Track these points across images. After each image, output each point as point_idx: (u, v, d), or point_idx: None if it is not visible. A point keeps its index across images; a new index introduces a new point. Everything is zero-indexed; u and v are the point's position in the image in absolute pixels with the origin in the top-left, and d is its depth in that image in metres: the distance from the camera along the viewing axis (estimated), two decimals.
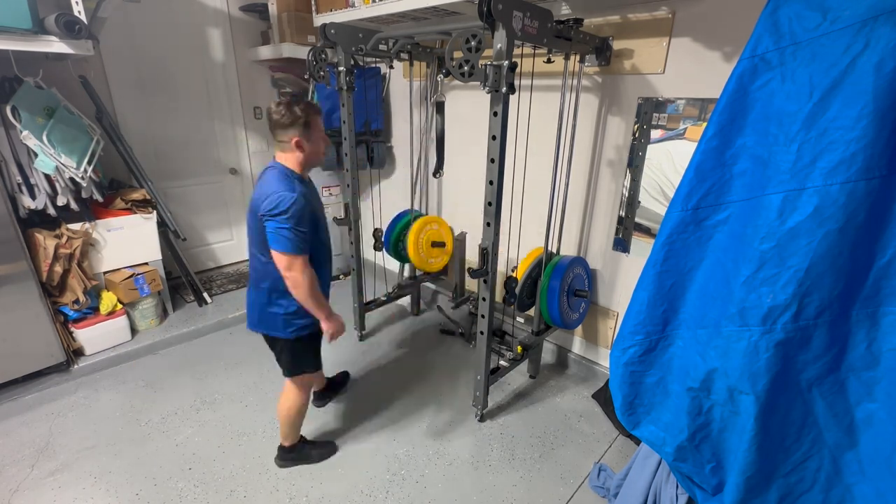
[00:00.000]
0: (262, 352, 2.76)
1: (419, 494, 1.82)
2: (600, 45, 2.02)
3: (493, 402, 2.34)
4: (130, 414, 2.23)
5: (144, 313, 2.80)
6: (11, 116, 2.16)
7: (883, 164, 0.89)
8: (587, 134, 2.28)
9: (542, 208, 2.35)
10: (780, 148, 0.98)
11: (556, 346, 2.72)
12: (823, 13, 0.91)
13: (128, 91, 3.02)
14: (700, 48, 1.84)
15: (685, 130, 1.94)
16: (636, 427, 1.32)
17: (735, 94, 1.05)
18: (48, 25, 1.97)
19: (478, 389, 2.13)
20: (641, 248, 2.21)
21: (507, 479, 1.90)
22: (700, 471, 1.22)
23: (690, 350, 1.17)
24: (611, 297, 2.43)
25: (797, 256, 0.96)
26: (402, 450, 2.04)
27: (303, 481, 1.87)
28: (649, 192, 2.12)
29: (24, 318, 2.26)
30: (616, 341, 1.30)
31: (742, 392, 1.06)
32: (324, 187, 3.51)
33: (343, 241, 3.77)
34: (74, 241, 2.42)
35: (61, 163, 2.29)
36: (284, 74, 3.30)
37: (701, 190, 1.12)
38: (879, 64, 0.85)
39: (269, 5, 3.12)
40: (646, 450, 1.57)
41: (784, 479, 1.10)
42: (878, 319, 0.98)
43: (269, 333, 1.77)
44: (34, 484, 1.83)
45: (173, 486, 1.83)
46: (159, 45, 3.07)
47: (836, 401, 1.04)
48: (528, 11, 1.57)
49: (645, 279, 1.22)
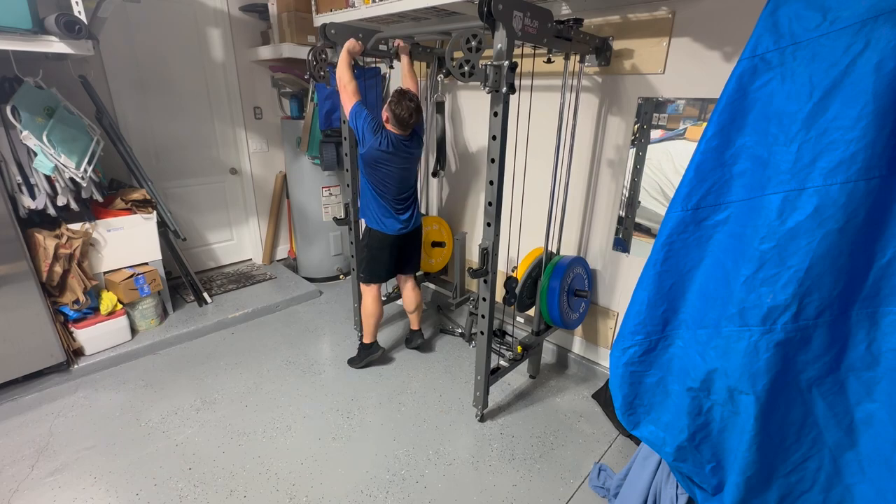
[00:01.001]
0: (262, 352, 2.77)
1: (419, 494, 1.82)
2: (600, 45, 2.02)
3: (493, 402, 2.34)
4: (130, 414, 2.23)
5: (144, 313, 2.80)
6: (11, 116, 2.16)
7: (883, 164, 0.89)
8: (587, 134, 2.28)
9: (543, 208, 2.35)
10: (780, 148, 0.98)
11: (556, 346, 2.72)
12: (823, 13, 0.91)
13: (128, 91, 3.02)
14: (700, 48, 1.84)
15: (685, 130, 1.94)
16: (636, 427, 1.32)
17: (735, 94, 1.05)
18: (48, 25, 1.97)
19: (478, 389, 2.13)
20: (641, 248, 2.21)
21: (507, 479, 1.90)
22: (700, 471, 1.22)
23: (690, 350, 1.17)
24: (611, 297, 2.43)
25: (797, 256, 0.96)
26: (402, 450, 2.04)
27: (303, 481, 1.87)
28: (649, 192, 2.12)
29: (24, 318, 2.26)
30: (616, 341, 1.30)
31: (742, 392, 1.06)
32: (324, 187, 3.51)
33: (343, 241, 3.77)
34: (74, 241, 2.42)
35: (61, 163, 2.29)
36: (284, 74, 3.30)
37: (701, 190, 1.12)
38: (879, 64, 0.86)
39: (269, 5, 3.12)
40: (646, 450, 1.57)
41: (784, 479, 1.10)
42: (877, 319, 0.98)
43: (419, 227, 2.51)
44: (34, 484, 1.83)
45: (173, 486, 1.83)
46: (159, 45, 3.07)
47: (836, 401, 1.04)
48: (529, 11, 1.57)
49: (645, 279, 1.22)
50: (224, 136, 3.53)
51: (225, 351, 2.77)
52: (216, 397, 2.35)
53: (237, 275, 3.70)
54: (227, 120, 3.51)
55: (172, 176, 3.34)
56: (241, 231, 3.83)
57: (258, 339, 2.93)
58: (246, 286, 3.50)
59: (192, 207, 3.50)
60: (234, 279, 3.61)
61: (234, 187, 3.70)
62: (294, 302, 3.38)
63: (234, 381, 2.48)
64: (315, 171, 3.44)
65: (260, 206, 3.85)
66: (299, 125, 3.30)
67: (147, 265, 2.82)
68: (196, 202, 3.51)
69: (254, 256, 3.97)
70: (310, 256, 3.74)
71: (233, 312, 3.10)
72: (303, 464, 1.95)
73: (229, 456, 1.98)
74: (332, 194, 3.57)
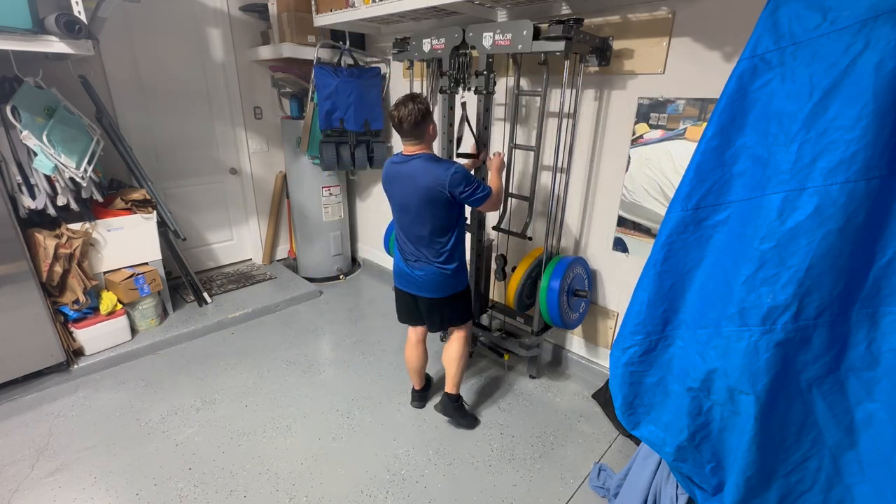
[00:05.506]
0: (263, 352, 2.77)
1: (419, 494, 1.82)
2: (600, 45, 2.02)
3: (493, 402, 2.34)
4: (130, 414, 2.23)
5: (144, 313, 2.80)
6: (11, 116, 2.16)
7: (883, 164, 0.89)
8: (587, 134, 2.28)
9: (543, 207, 2.35)
10: (780, 148, 0.98)
11: (555, 345, 2.72)
12: (823, 13, 0.91)
13: (128, 91, 3.02)
14: (700, 48, 1.84)
15: (685, 130, 1.94)
16: (636, 427, 1.32)
17: (735, 94, 1.05)
18: (48, 25, 1.97)
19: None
20: (641, 248, 2.21)
21: (507, 479, 1.90)
22: (700, 471, 1.22)
23: (690, 350, 1.17)
24: (611, 297, 2.43)
25: (797, 256, 0.96)
26: (402, 450, 2.04)
27: (303, 481, 1.87)
28: (649, 192, 2.11)
29: (24, 318, 2.26)
30: (616, 341, 1.30)
31: (742, 392, 1.06)
32: (324, 187, 3.51)
33: (343, 242, 3.77)
34: (74, 241, 2.42)
35: (61, 163, 2.29)
36: (284, 74, 3.30)
37: (701, 190, 1.12)
38: (879, 64, 0.85)
39: (269, 5, 3.12)
40: (646, 450, 1.57)
41: (784, 479, 1.10)
42: (877, 319, 0.98)
43: (448, 294, 1.96)
44: (34, 484, 1.83)
45: (173, 486, 1.83)
46: (159, 45, 3.07)
47: (836, 401, 1.04)
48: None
49: (645, 279, 1.22)
50: (224, 135, 3.53)
51: (225, 351, 2.77)
52: (216, 397, 2.35)
53: (237, 275, 3.70)
54: (227, 120, 3.51)
55: (172, 176, 3.34)
56: (241, 231, 3.83)
57: (258, 339, 2.93)
58: (246, 286, 3.50)
59: (192, 207, 3.50)
60: (234, 279, 3.61)
61: (234, 187, 3.70)
62: (294, 302, 3.38)
63: (234, 381, 2.48)
64: (315, 171, 3.44)
65: (260, 206, 3.85)
66: (299, 125, 3.30)
67: (147, 265, 2.82)
68: (196, 202, 3.51)
69: (254, 256, 3.97)
70: (310, 256, 3.74)
71: (233, 312, 3.10)
72: (303, 464, 1.95)
73: (229, 456, 1.98)
74: (332, 194, 3.57)
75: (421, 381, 2.27)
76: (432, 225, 1.80)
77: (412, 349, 2.15)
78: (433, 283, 1.90)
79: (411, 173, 1.75)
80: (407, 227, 1.86)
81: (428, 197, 1.74)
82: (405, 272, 1.94)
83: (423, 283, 1.91)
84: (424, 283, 1.91)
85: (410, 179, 1.75)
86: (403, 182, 1.78)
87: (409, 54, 2.30)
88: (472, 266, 2.46)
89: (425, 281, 1.90)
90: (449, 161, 1.79)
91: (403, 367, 2.62)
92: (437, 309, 1.99)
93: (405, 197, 1.80)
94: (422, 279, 1.90)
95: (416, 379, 2.25)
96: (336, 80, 2.98)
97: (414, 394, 2.30)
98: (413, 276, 1.92)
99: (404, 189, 1.79)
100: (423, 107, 1.71)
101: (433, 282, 1.90)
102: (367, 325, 3.11)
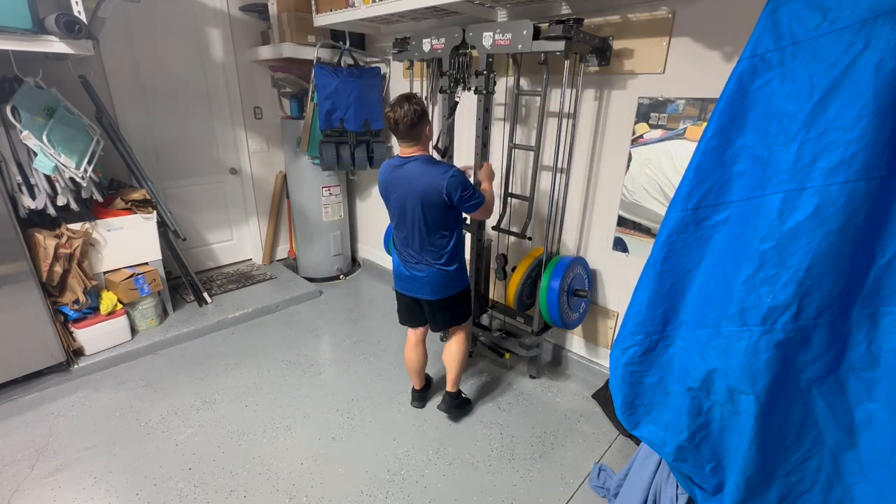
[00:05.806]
0: (263, 352, 2.77)
1: (419, 494, 1.82)
2: (600, 44, 2.02)
3: (493, 401, 2.34)
4: (130, 414, 2.23)
5: (144, 313, 2.80)
6: (11, 116, 2.16)
7: (883, 164, 0.89)
8: (587, 133, 2.28)
9: (542, 207, 2.35)
10: (780, 148, 0.98)
11: (555, 345, 2.72)
12: (823, 13, 0.91)
13: (128, 91, 3.02)
14: (700, 48, 1.84)
15: (685, 130, 1.94)
16: (636, 427, 1.31)
17: (735, 94, 1.05)
18: (48, 25, 1.96)
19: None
20: (641, 248, 2.21)
21: (507, 479, 1.90)
22: (700, 471, 1.22)
23: (690, 350, 1.16)
24: (611, 297, 2.43)
25: (797, 256, 0.96)
26: (402, 450, 2.04)
27: (303, 481, 1.87)
28: (649, 192, 2.11)
29: (24, 318, 2.26)
30: (616, 341, 1.30)
31: (742, 392, 1.06)
32: (324, 187, 3.51)
33: (343, 242, 3.77)
34: (74, 241, 2.42)
35: (61, 163, 2.29)
36: (284, 74, 3.30)
37: (701, 190, 1.12)
38: (879, 64, 0.85)
39: (269, 5, 3.12)
40: (646, 450, 1.57)
41: (784, 479, 1.10)
42: (877, 319, 0.98)
43: (449, 294, 1.96)
44: (34, 484, 1.83)
45: (173, 486, 1.83)
46: (159, 45, 3.07)
47: (836, 401, 1.04)
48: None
49: (645, 279, 1.22)
50: (224, 135, 3.53)
51: (225, 351, 2.77)
52: (216, 397, 2.35)
53: (237, 275, 3.70)
54: (227, 120, 3.51)
55: (172, 176, 3.34)
56: (241, 231, 3.83)
57: (258, 339, 2.93)
58: (246, 286, 3.50)
59: (192, 207, 3.50)
60: (234, 279, 3.61)
61: (234, 187, 3.70)
62: (294, 302, 3.38)
63: (234, 381, 2.48)
64: (315, 171, 3.44)
65: (260, 206, 3.85)
66: (299, 125, 3.30)
67: (147, 265, 2.82)
68: (196, 202, 3.51)
69: (254, 256, 3.97)
70: (310, 256, 3.74)
71: (233, 312, 3.10)
72: (303, 464, 1.95)
73: (229, 456, 1.98)
74: (332, 194, 3.57)
75: (421, 381, 2.27)
76: (431, 227, 1.80)
77: (412, 349, 2.16)
78: (435, 284, 1.90)
79: (409, 176, 1.75)
80: (406, 231, 1.85)
81: (426, 199, 1.73)
82: (405, 275, 1.94)
83: (425, 284, 1.90)
84: (426, 284, 1.90)
85: (408, 182, 1.75)
86: (401, 185, 1.78)
87: (409, 54, 2.30)
88: (472, 266, 2.46)
89: (427, 282, 1.90)
90: (446, 164, 1.79)
91: (403, 367, 2.62)
92: (440, 309, 1.99)
93: (403, 200, 1.79)
94: (423, 280, 1.90)
95: (416, 379, 2.25)
96: (336, 80, 2.98)
97: (414, 394, 2.30)
98: (414, 277, 1.92)
99: (402, 192, 1.78)
100: (420, 108, 1.69)
101: (435, 283, 1.89)
102: (367, 325, 3.11)
